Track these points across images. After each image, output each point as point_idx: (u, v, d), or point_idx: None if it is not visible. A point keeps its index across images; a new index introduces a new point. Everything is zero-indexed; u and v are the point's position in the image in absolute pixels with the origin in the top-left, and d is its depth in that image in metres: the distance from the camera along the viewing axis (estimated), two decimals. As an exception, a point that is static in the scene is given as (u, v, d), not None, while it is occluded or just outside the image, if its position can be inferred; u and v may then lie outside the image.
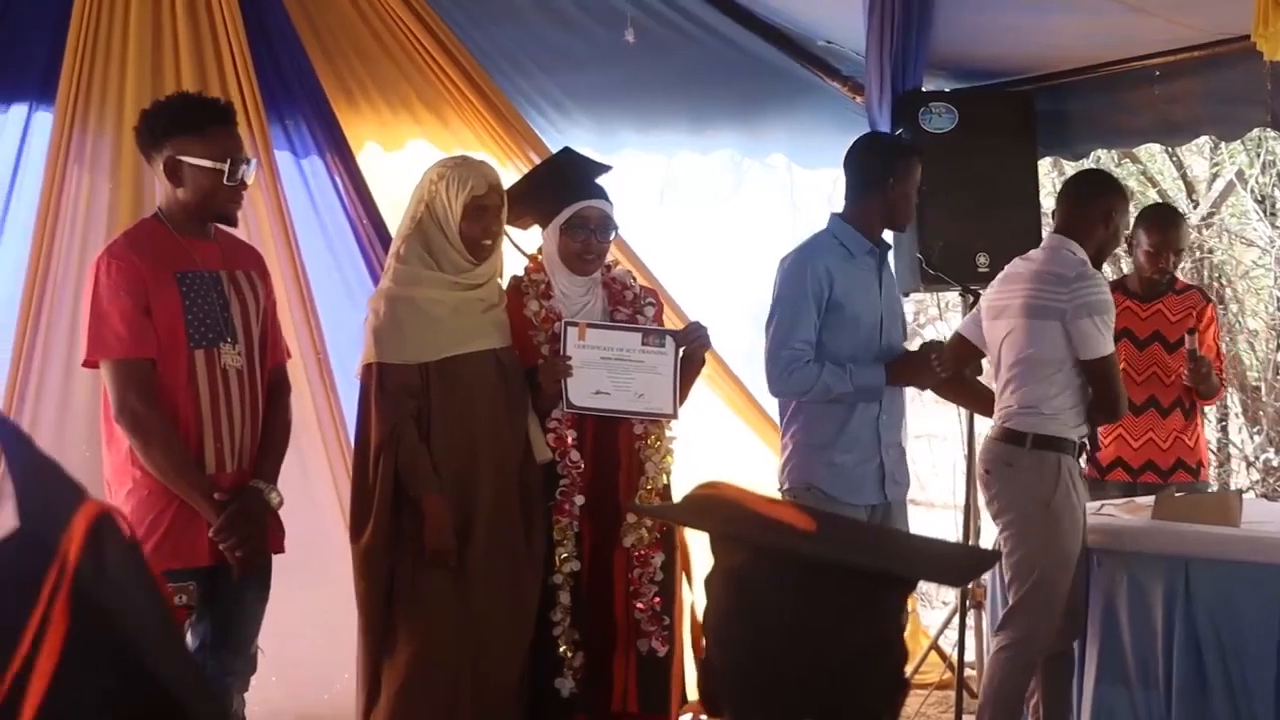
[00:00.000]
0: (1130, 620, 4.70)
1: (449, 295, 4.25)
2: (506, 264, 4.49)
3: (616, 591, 4.34)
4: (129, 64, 4.96)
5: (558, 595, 4.28)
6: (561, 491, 4.29)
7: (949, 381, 5.05)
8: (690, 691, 4.43)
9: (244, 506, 3.86)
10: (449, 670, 4.13)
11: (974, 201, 6.03)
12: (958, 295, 6.00)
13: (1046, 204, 6.72)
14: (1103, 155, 8.67)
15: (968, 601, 5.76)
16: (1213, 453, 9.53)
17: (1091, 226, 4.79)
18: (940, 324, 10.09)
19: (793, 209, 6.33)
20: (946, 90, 6.29)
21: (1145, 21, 5.45)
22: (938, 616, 6.84)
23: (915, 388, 4.94)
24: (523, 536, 4.23)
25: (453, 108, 5.63)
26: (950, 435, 8.39)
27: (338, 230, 5.32)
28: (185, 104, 4.07)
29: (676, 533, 4.40)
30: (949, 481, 8.49)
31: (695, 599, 4.33)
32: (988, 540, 5.41)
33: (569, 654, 4.27)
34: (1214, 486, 7.97)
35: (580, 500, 4.30)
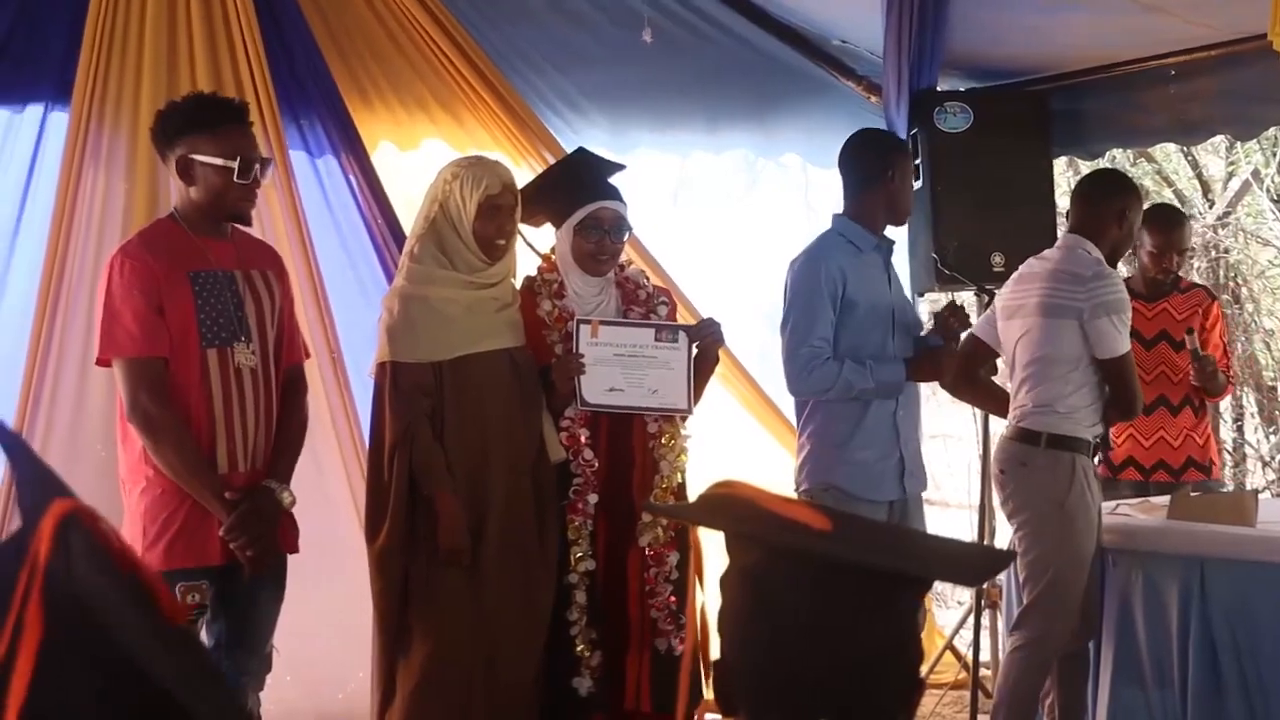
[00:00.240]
0: (1145, 620, 4.69)
1: (462, 294, 4.25)
2: (520, 263, 4.49)
3: (631, 590, 4.34)
4: (144, 64, 4.97)
5: (573, 594, 4.28)
6: (575, 490, 4.29)
7: (964, 381, 5.05)
8: (701, 691, 4.42)
9: (255, 506, 3.86)
10: (463, 670, 4.13)
11: (989, 201, 6.01)
12: (973, 295, 5.98)
13: (1061, 203, 6.71)
14: (1118, 155, 8.65)
15: (983, 601, 5.74)
16: (1228, 453, 9.52)
17: (1106, 226, 4.78)
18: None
19: (807, 209, 6.31)
20: (961, 90, 6.28)
21: (1161, 21, 5.43)
22: (953, 616, 6.83)
23: (935, 383, 4.93)
24: (536, 536, 4.23)
25: (468, 107, 5.64)
26: (965, 435, 8.37)
27: (352, 230, 5.33)
28: (198, 103, 4.09)
29: (690, 532, 4.39)
30: (964, 481, 8.46)
31: (707, 599, 4.33)
32: (1003, 540, 5.40)
33: (586, 653, 4.28)
34: (1229, 486, 7.97)
35: (594, 499, 4.30)
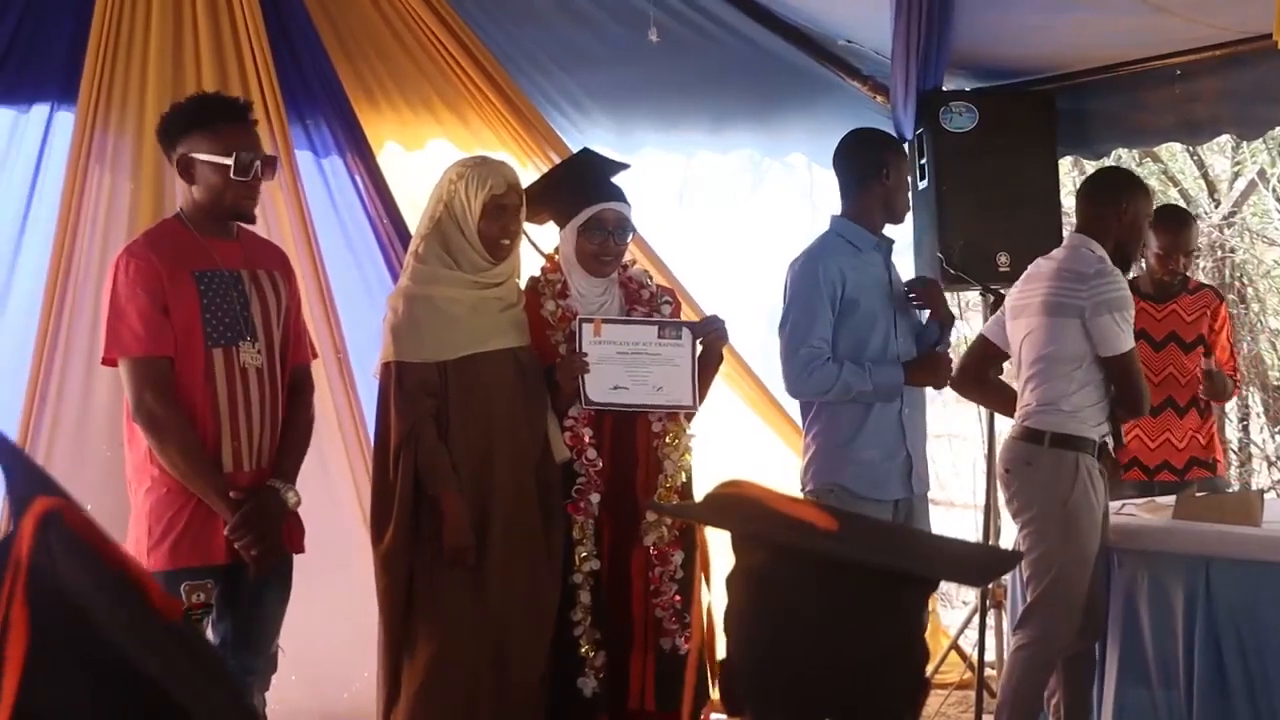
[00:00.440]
0: (1151, 620, 4.68)
1: (467, 294, 4.25)
2: (524, 264, 4.49)
3: (635, 590, 4.34)
4: (150, 65, 4.98)
5: (578, 594, 4.28)
6: (578, 490, 4.29)
7: (974, 381, 5.06)
8: (708, 691, 4.42)
9: (260, 505, 3.85)
10: (468, 670, 4.13)
11: (994, 201, 6.01)
12: (978, 295, 5.97)
13: (1067, 203, 6.71)
14: (1124, 154, 8.64)
15: (988, 601, 5.74)
16: (1234, 452, 9.52)
17: (1107, 223, 4.78)
18: (960, 324, 10.06)
19: (812, 209, 6.30)
20: (967, 89, 6.27)
21: (1166, 21, 5.43)
22: (958, 616, 6.82)
23: (931, 388, 4.91)
24: (541, 535, 4.23)
25: (473, 107, 5.64)
26: (970, 435, 8.37)
27: (358, 230, 5.34)
28: (199, 103, 4.09)
29: (697, 531, 4.39)
30: (969, 481, 8.47)
31: (713, 598, 4.33)
32: (1008, 540, 5.39)
33: (591, 653, 4.27)
34: (1234, 485, 7.96)
35: (596, 499, 4.30)
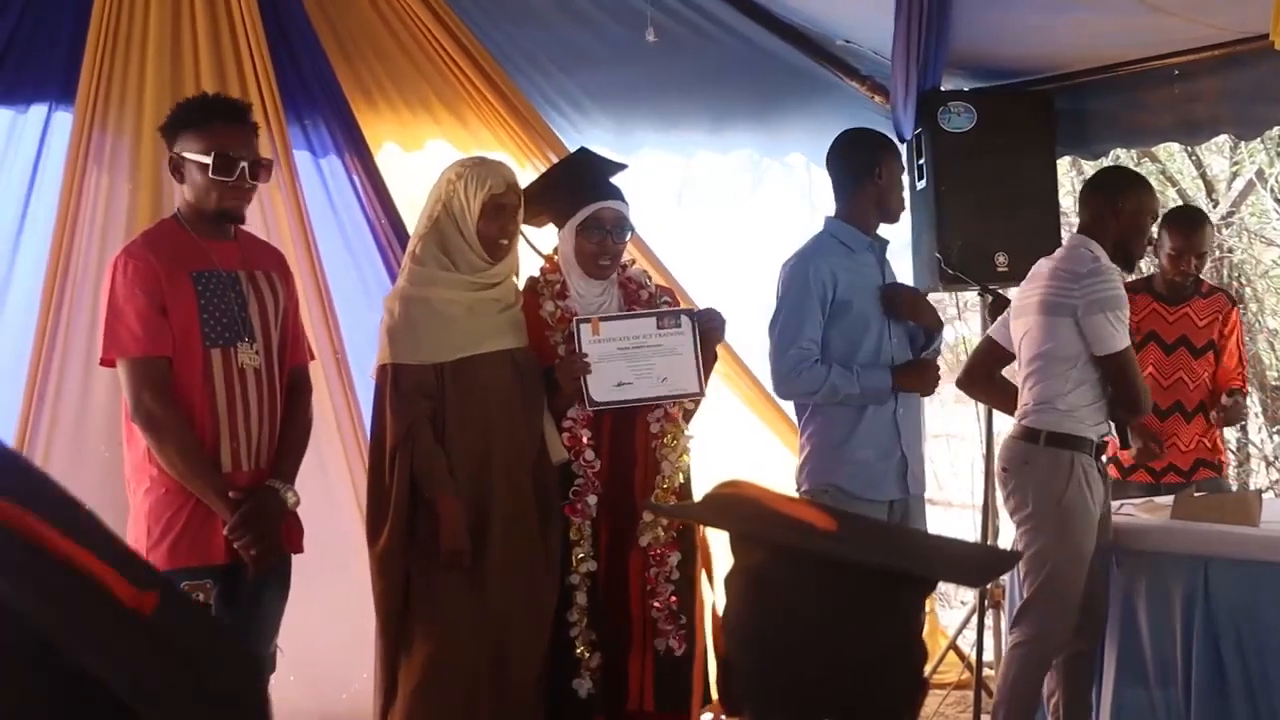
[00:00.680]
0: (1150, 620, 4.69)
1: (464, 295, 4.24)
2: (524, 265, 4.49)
3: (633, 591, 4.33)
4: (148, 65, 4.97)
5: (574, 596, 4.27)
6: (575, 491, 4.28)
7: (981, 381, 5.07)
8: (713, 691, 4.43)
9: (258, 505, 3.86)
10: (466, 672, 4.12)
11: (993, 201, 6.02)
12: (976, 295, 5.98)
13: (1065, 203, 6.71)
14: (1122, 154, 8.64)
15: (986, 601, 5.75)
16: (1232, 452, 9.51)
17: (1106, 223, 4.78)
18: (959, 323, 10.06)
19: (811, 209, 6.30)
20: (965, 89, 6.28)
21: (1164, 21, 5.43)
22: (956, 616, 6.83)
23: (919, 394, 4.87)
24: (539, 537, 4.23)
25: (472, 108, 5.64)
26: (969, 435, 8.34)
27: (356, 230, 5.33)
28: (194, 103, 4.09)
29: (697, 531, 4.39)
30: (967, 481, 8.47)
31: (716, 598, 4.32)
32: (1006, 540, 5.40)
33: (586, 654, 4.27)
34: (1234, 486, 7.96)
35: (594, 500, 4.29)
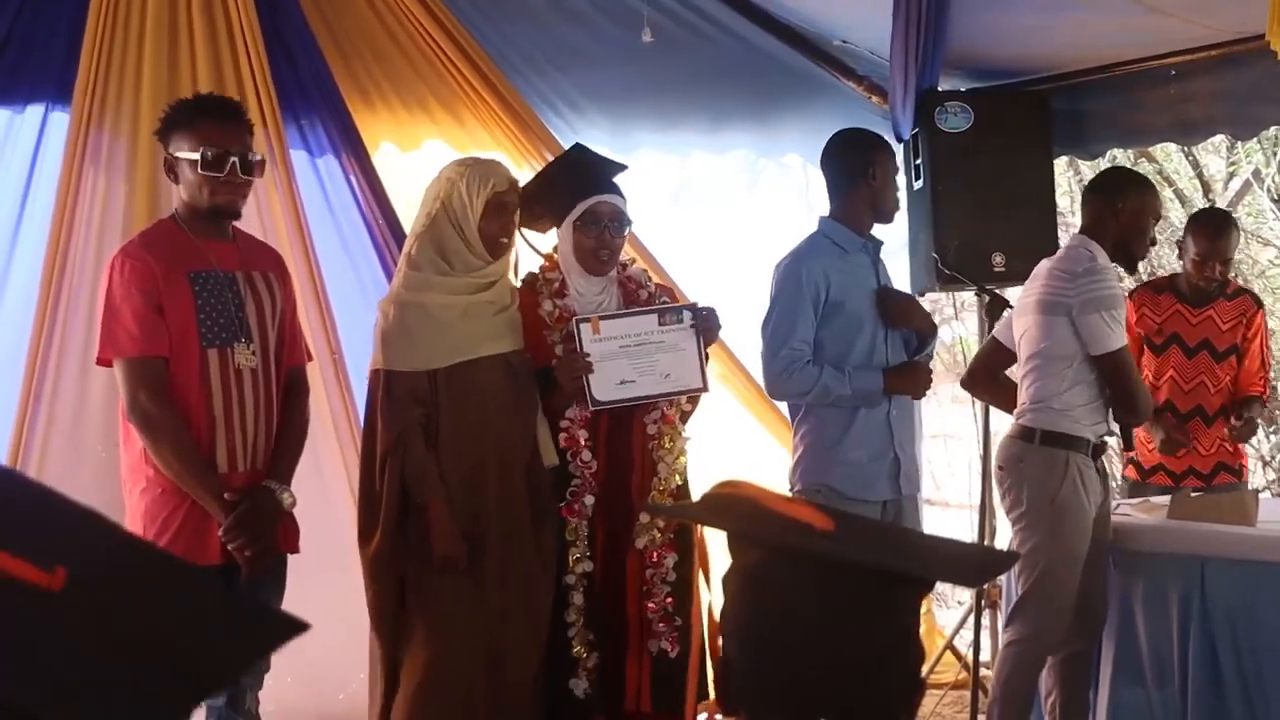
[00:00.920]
0: (1146, 619, 4.69)
1: (459, 300, 4.23)
2: (522, 265, 4.49)
3: (629, 592, 4.33)
4: (145, 65, 4.96)
5: (571, 596, 4.27)
6: (572, 492, 4.28)
7: (986, 381, 5.08)
8: (706, 691, 4.42)
9: (254, 506, 3.85)
10: (464, 675, 4.11)
11: (989, 201, 6.02)
12: (973, 295, 5.98)
13: (1062, 204, 6.71)
14: (1119, 155, 8.65)
15: (983, 602, 5.75)
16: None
17: (1105, 223, 4.79)
18: (956, 323, 10.07)
19: (808, 209, 6.28)
20: (962, 90, 6.28)
21: (1161, 21, 5.43)
22: (953, 616, 6.83)
23: (910, 397, 4.86)
24: (533, 539, 4.22)
25: (469, 108, 5.63)
26: (966, 435, 8.38)
27: (353, 230, 5.33)
28: (181, 105, 4.07)
29: (694, 532, 4.39)
30: (964, 481, 8.47)
31: (713, 598, 4.32)
32: (1003, 540, 5.40)
33: (583, 655, 4.27)
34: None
35: (591, 501, 4.29)
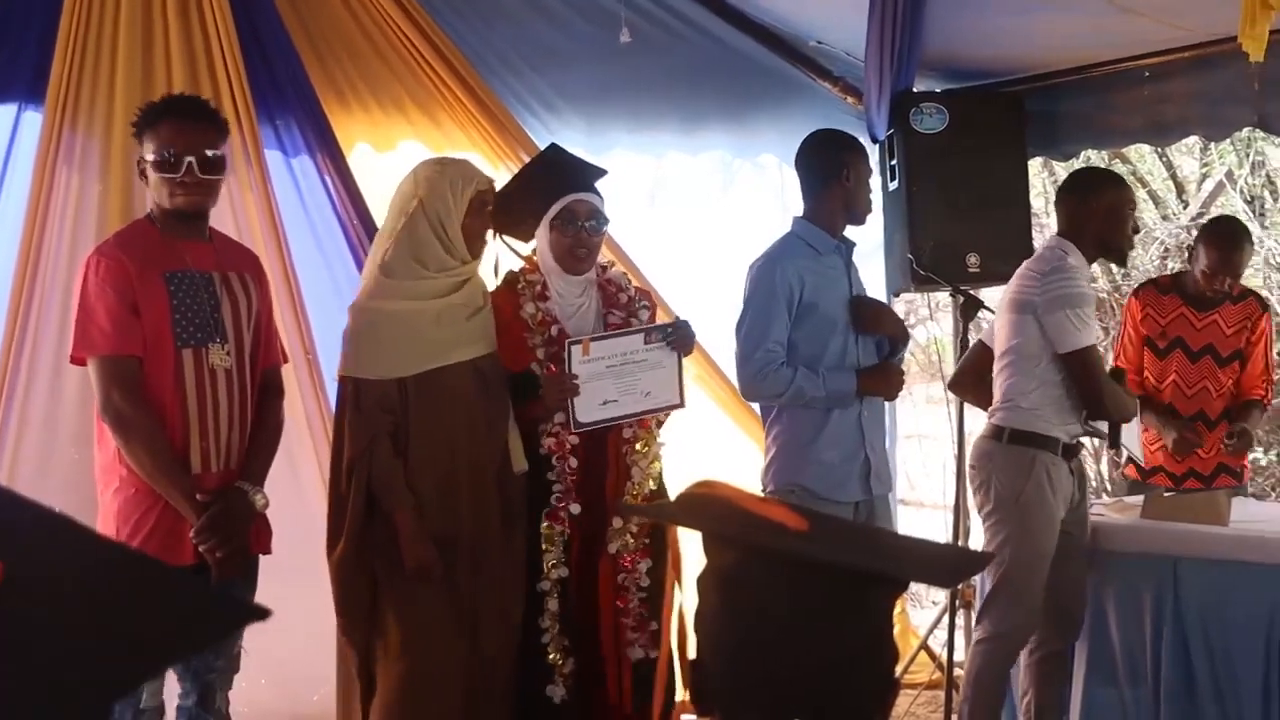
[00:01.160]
0: (1119, 619, 4.71)
1: (431, 305, 4.19)
2: (502, 266, 4.48)
3: (603, 597, 4.32)
4: (119, 64, 4.94)
5: (545, 602, 4.26)
6: (557, 498, 4.27)
7: (973, 383, 5.10)
8: (678, 693, 4.42)
9: (226, 507, 3.84)
10: (438, 680, 4.08)
11: (964, 202, 6.04)
12: (948, 295, 5.99)
13: (1036, 204, 6.73)
14: (1093, 155, 8.68)
15: (957, 601, 5.76)
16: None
17: (1080, 223, 4.80)
18: (931, 324, 10.10)
19: (783, 210, 6.29)
20: (937, 91, 6.29)
21: (1135, 22, 5.45)
22: (927, 616, 6.84)
23: (883, 398, 4.88)
24: (504, 546, 4.20)
25: (444, 108, 5.62)
26: (941, 435, 8.38)
27: (328, 230, 5.31)
28: (148, 107, 4.06)
29: (668, 534, 4.38)
30: (939, 481, 8.49)
31: (684, 600, 4.32)
32: (977, 540, 5.41)
33: (559, 660, 4.26)
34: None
35: (576, 509, 4.27)
